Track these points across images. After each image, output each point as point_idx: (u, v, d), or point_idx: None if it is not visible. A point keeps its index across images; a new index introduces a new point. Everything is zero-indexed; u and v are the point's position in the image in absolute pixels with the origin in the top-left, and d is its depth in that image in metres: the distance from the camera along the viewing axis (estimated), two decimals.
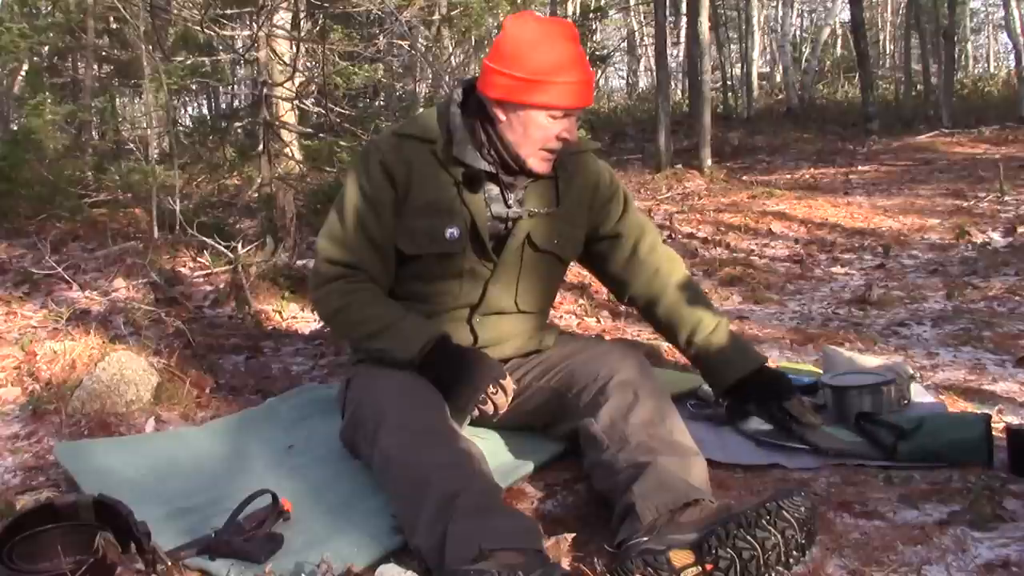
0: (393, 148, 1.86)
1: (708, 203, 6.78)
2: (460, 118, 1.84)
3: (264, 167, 4.22)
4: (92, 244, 4.44)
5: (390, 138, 1.90)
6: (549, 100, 1.76)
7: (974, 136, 10.04)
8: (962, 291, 3.85)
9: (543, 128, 1.78)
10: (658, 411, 1.68)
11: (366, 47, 5.42)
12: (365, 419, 1.74)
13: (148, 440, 2.09)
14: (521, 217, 1.87)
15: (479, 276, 1.88)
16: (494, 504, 1.48)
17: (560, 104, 1.76)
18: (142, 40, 5.35)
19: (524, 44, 1.76)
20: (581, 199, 1.96)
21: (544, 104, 1.76)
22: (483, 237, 1.84)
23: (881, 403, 2.12)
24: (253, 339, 3.09)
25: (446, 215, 1.83)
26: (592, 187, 1.98)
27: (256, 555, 1.46)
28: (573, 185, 1.94)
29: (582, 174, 1.96)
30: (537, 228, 1.89)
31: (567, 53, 1.76)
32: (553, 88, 1.75)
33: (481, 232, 1.84)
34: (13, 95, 8.45)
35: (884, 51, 21.96)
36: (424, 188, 1.83)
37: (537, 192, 1.89)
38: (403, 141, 1.86)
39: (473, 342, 1.90)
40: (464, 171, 1.83)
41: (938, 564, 1.43)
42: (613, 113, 15.33)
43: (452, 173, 1.83)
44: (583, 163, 1.97)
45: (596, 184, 1.99)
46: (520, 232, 1.87)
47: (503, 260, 1.87)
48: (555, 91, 1.75)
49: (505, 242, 1.87)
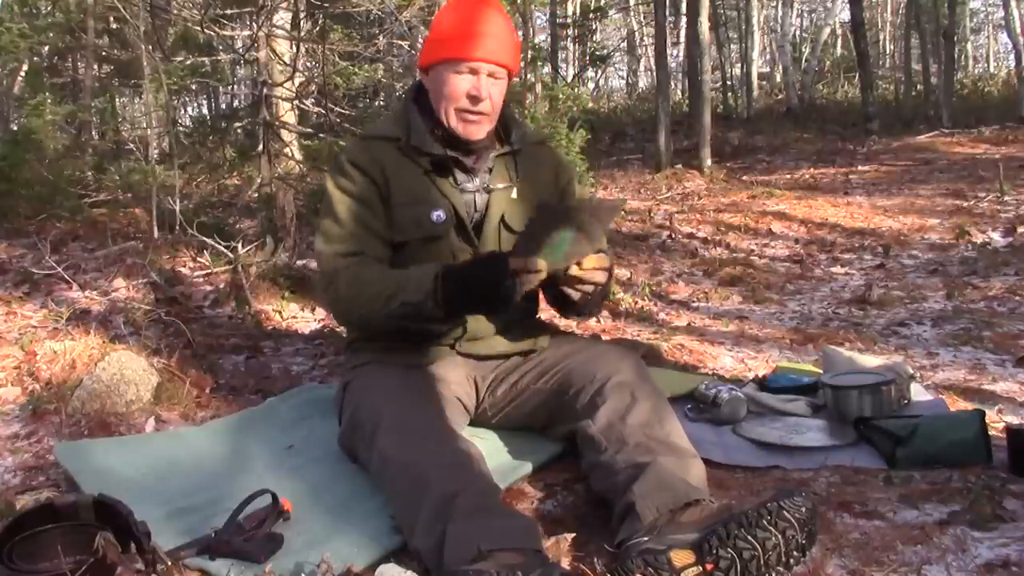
0: (362, 150, 1.92)
1: (708, 203, 6.78)
2: (415, 111, 1.91)
3: (264, 167, 4.22)
4: (92, 244, 4.44)
5: (358, 142, 2.00)
6: (447, 53, 1.84)
7: (974, 136, 10.04)
8: (962, 291, 3.85)
9: (450, 84, 1.83)
10: (655, 412, 1.68)
11: (366, 47, 5.42)
12: (363, 422, 1.74)
13: (148, 440, 2.09)
14: (478, 191, 1.90)
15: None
16: (493, 504, 1.48)
17: (454, 55, 1.83)
18: (142, 40, 5.35)
19: (440, 12, 1.89)
20: (546, 180, 2.00)
21: (443, 57, 1.84)
22: (464, 219, 1.88)
23: (881, 403, 2.12)
24: (253, 339, 3.09)
25: (429, 201, 1.87)
26: (554, 168, 2.04)
27: (256, 555, 1.46)
28: (534, 167, 1.98)
29: (541, 160, 2.03)
30: (510, 210, 1.91)
31: (470, 11, 1.85)
32: (450, 42, 1.84)
33: (461, 214, 1.87)
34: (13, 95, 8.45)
35: (884, 51, 21.96)
36: (400, 181, 1.88)
37: (499, 173, 1.94)
38: (370, 142, 1.94)
39: (463, 333, 1.89)
40: (428, 159, 1.88)
41: (938, 564, 1.43)
42: (613, 113, 15.33)
43: (419, 163, 1.88)
44: (542, 151, 2.06)
45: (557, 166, 2.06)
46: (494, 215, 1.90)
47: (483, 244, 1.90)
48: (451, 44, 1.83)
49: (482, 226, 1.90)
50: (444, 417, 1.71)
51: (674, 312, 3.78)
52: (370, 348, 1.92)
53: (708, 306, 3.94)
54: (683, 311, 3.81)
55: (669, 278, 4.54)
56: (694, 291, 4.21)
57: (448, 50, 1.83)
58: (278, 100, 4.32)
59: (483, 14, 1.84)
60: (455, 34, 1.83)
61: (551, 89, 6.66)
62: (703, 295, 4.11)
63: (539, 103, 6.35)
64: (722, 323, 3.52)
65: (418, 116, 1.89)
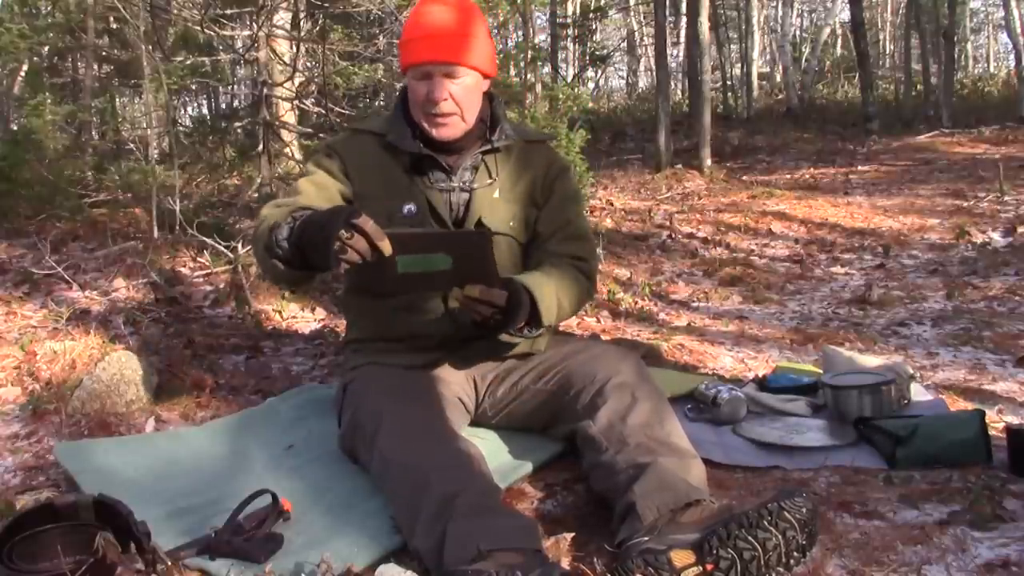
0: (346, 141, 1.98)
1: (708, 203, 6.78)
2: (401, 110, 1.92)
3: (264, 167, 4.22)
4: (92, 244, 4.44)
5: (345, 134, 2.04)
6: (403, 59, 1.86)
7: (974, 136, 10.04)
8: (962, 291, 3.85)
9: (414, 89, 1.85)
10: (656, 413, 1.68)
11: (366, 47, 5.42)
12: (363, 424, 1.74)
13: (148, 440, 2.09)
14: (455, 190, 1.90)
15: None
16: (493, 504, 1.48)
17: (406, 60, 1.85)
18: (142, 40, 5.34)
19: (409, 13, 1.90)
20: (533, 179, 1.97)
21: (403, 65, 1.87)
22: (442, 216, 1.87)
23: (881, 403, 2.12)
24: (253, 339, 3.09)
25: (402, 196, 1.87)
26: (545, 167, 1.99)
27: (256, 555, 1.46)
28: (522, 166, 1.96)
29: (533, 158, 1.99)
30: (491, 208, 1.90)
31: (424, 13, 1.85)
32: (403, 47, 1.86)
33: (439, 211, 1.87)
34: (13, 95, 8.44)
35: (884, 51, 21.95)
36: (377, 175, 1.89)
37: (484, 171, 1.93)
38: (358, 135, 1.98)
39: (455, 333, 1.89)
40: (407, 157, 1.89)
41: (938, 564, 1.43)
42: (613, 113, 15.31)
43: (400, 160, 1.89)
44: (537, 149, 2.02)
45: (549, 165, 2.00)
46: (473, 214, 1.89)
47: None
48: (404, 49, 1.85)
49: (463, 224, 1.89)
50: (444, 417, 1.71)
51: (674, 312, 3.78)
52: (369, 349, 1.93)
53: (708, 306, 3.94)
54: (683, 311, 3.81)
55: (669, 278, 4.54)
56: (694, 291, 4.21)
57: (403, 55, 1.86)
58: (278, 100, 4.33)
59: (431, 14, 1.83)
60: (406, 38, 1.85)
61: (551, 89, 6.66)
62: (703, 295, 4.11)
63: (539, 103, 6.34)
64: (722, 323, 3.52)
65: (402, 115, 1.91)
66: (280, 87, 4.25)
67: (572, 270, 1.91)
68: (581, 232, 2.00)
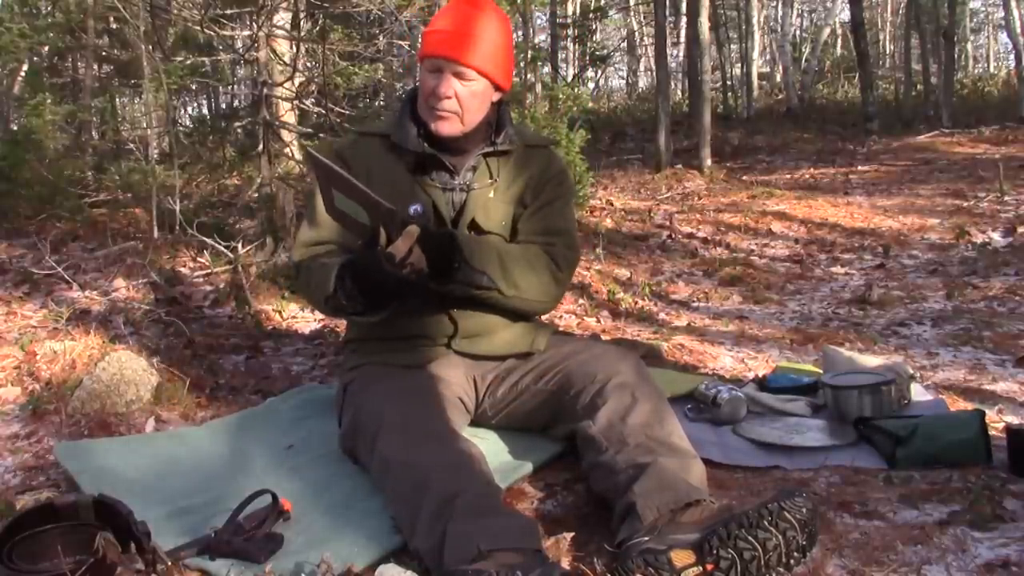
0: (351, 144, 2.00)
1: (708, 203, 6.78)
2: (408, 110, 1.93)
3: (264, 167, 4.21)
4: (92, 244, 4.44)
5: (350, 137, 2.05)
6: (421, 51, 1.89)
7: (974, 136, 10.04)
8: (962, 291, 3.85)
9: (424, 81, 1.87)
10: (656, 413, 1.68)
11: (366, 47, 5.42)
12: (364, 424, 1.74)
13: (148, 440, 2.09)
14: (456, 190, 1.90)
15: None
16: (493, 504, 1.48)
17: (423, 51, 1.87)
18: (142, 40, 5.34)
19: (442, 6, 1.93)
20: (528, 180, 1.96)
21: (419, 55, 1.90)
22: (443, 216, 1.88)
23: (881, 403, 2.12)
24: (253, 339, 3.09)
25: (408, 195, 1.86)
26: (542, 171, 1.98)
27: (256, 555, 1.46)
28: (521, 168, 1.96)
29: (533, 162, 1.98)
30: (485, 209, 1.90)
31: (455, 8, 1.87)
32: (425, 37, 1.88)
33: (440, 210, 1.88)
34: (13, 95, 8.43)
35: (884, 51, 21.94)
36: (382, 176, 1.89)
37: (483, 173, 1.93)
38: (363, 138, 1.99)
39: (454, 332, 1.89)
40: (412, 156, 1.89)
41: (938, 564, 1.43)
42: (613, 113, 15.31)
43: (404, 160, 1.90)
44: (538, 154, 2.01)
45: (545, 169, 1.99)
46: (468, 214, 1.89)
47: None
48: (425, 40, 1.87)
49: (458, 224, 1.89)
50: (445, 418, 1.71)
51: (674, 312, 3.78)
52: (368, 349, 1.92)
53: (708, 306, 3.94)
54: (683, 311, 3.81)
55: (669, 278, 4.54)
56: (694, 291, 4.21)
57: (423, 44, 1.88)
58: (278, 100, 4.32)
59: (460, 12, 1.85)
60: (430, 29, 1.88)
61: (551, 89, 6.67)
62: (703, 295, 4.11)
63: (539, 103, 6.36)
64: (722, 323, 3.52)
65: (408, 115, 1.92)
66: (280, 87, 4.24)
67: (533, 247, 1.91)
68: (559, 228, 1.96)
